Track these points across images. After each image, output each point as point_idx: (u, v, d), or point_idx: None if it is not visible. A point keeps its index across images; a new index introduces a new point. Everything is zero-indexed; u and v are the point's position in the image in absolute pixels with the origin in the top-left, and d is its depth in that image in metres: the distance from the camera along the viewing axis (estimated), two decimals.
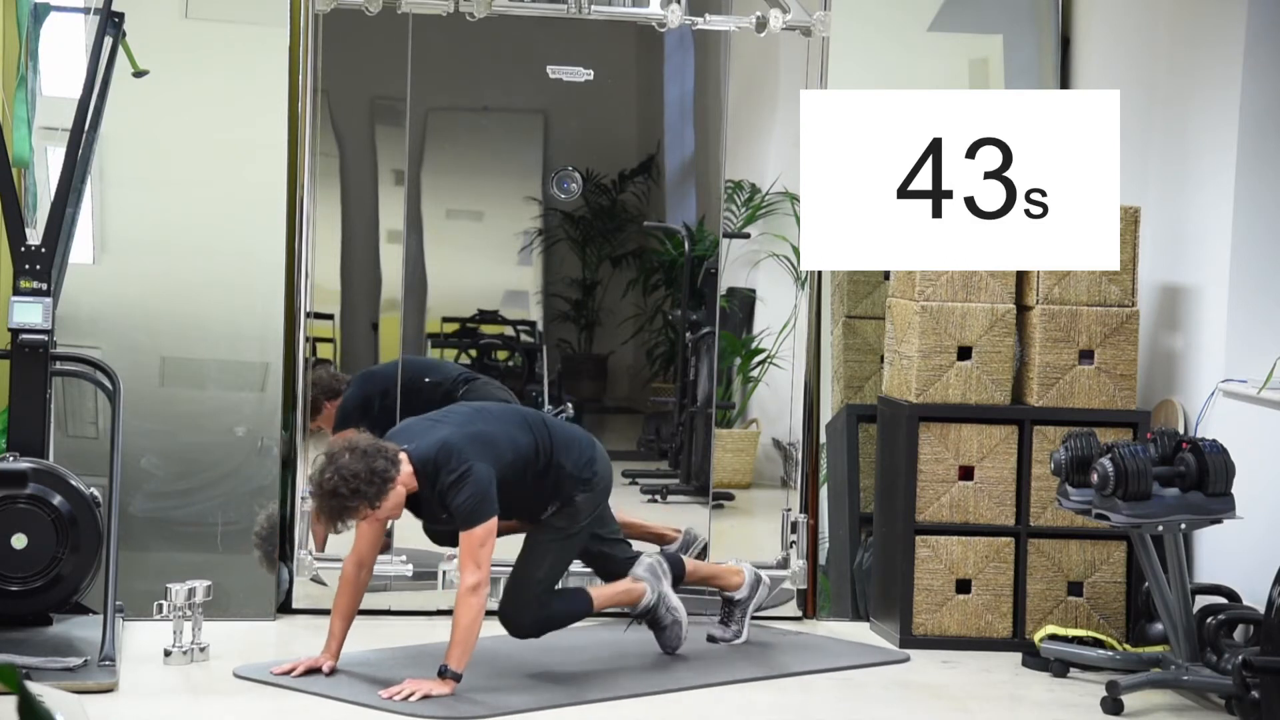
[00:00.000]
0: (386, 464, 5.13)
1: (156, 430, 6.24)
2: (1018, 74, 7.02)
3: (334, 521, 5.19)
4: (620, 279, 6.69)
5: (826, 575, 6.64)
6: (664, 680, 5.56)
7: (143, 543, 6.15)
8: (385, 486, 5.12)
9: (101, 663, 5.21)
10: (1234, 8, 6.03)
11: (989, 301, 6.22)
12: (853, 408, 6.70)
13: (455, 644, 5.20)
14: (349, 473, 5.08)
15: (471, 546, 5.18)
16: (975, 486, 6.18)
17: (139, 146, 6.33)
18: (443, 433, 5.29)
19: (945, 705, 5.44)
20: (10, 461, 5.52)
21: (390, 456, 5.16)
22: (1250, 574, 5.70)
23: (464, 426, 5.34)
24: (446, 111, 6.59)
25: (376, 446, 5.16)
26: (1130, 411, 6.20)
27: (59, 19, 6.23)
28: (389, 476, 5.13)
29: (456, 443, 5.24)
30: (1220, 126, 6.09)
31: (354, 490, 5.08)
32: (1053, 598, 6.18)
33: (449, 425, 5.34)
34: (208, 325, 6.33)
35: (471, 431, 5.31)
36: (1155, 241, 6.43)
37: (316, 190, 6.31)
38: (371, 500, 5.11)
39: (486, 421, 5.41)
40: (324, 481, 5.10)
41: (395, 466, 5.16)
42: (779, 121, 6.63)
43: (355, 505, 5.11)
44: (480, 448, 5.26)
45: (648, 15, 6.44)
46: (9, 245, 5.69)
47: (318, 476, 5.13)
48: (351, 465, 5.09)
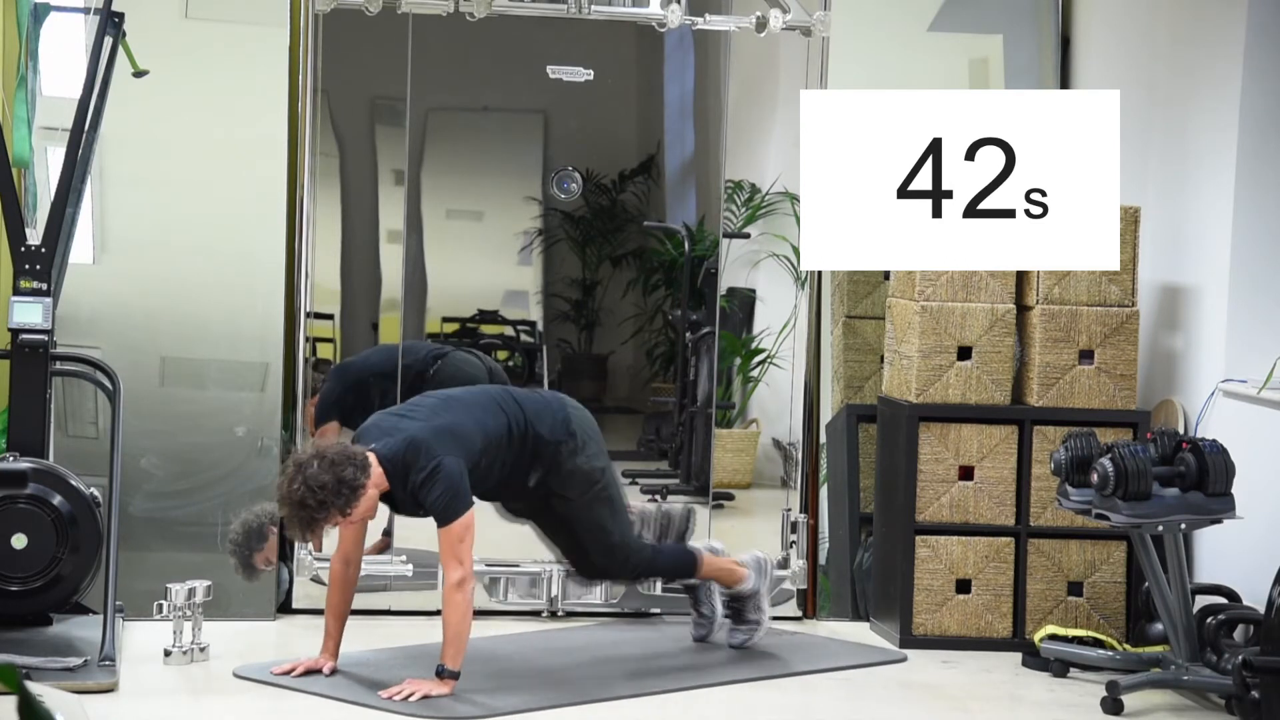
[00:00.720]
0: (355, 471, 5.07)
1: (156, 430, 6.24)
2: (1018, 74, 7.02)
3: (305, 531, 5.13)
4: (620, 279, 6.69)
5: (826, 575, 6.64)
6: (664, 680, 5.55)
7: (143, 543, 6.15)
8: (355, 494, 5.07)
9: (101, 663, 5.21)
10: (1234, 8, 6.03)
11: (989, 301, 6.22)
12: (853, 408, 6.70)
13: (448, 643, 5.20)
14: (316, 484, 5.02)
15: (451, 542, 5.17)
16: (975, 486, 6.18)
17: (139, 146, 6.33)
18: (410, 429, 5.25)
19: (945, 705, 5.44)
20: (10, 461, 5.52)
21: (359, 463, 5.10)
22: (1250, 574, 5.70)
23: (431, 420, 5.29)
24: (446, 111, 6.59)
25: (345, 454, 5.10)
26: (1130, 411, 6.20)
27: (59, 19, 6.22)
28: (358, 484, 5.08)
29: (424, 438, 5.21)
30: (1220, 126, 6.09)
31: (321, 501, 5.03)
32: (1053, 598, 6.18)
33: (416, 420, 5.30)
34: (208, 325, 6.33)
35: (438, 425, 5.27)
36: (1155, 241, 6.43)
37: (316, 190, 6.31)
38: (342, 509, 5.07)
39: (454, 411, 5.36)
40: (292, 492, 5.04)
41: (364, 472, 5.11)
42: (779, 121, 6.63)
43: (324, 515, 5.06)
44: (449, 441, 5.23)
45: (648, 15, 6.44)
46: (9, 245, 5.69)
47: (285, 486, 5.07)
48: (319, 476, 5.03)
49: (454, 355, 6.41)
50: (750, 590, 5.94)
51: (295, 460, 5.13)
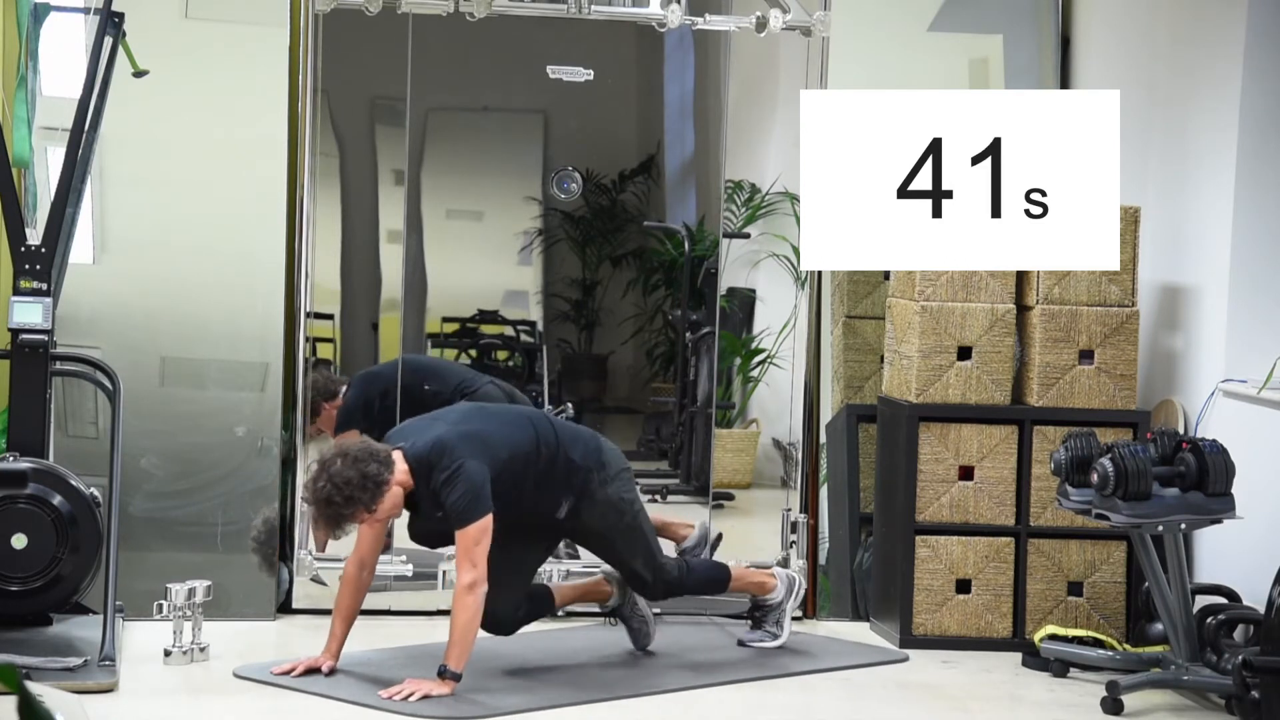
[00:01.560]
0: (379, 467, 5.12)
1: (156, 430, 6.24)
2: (1018, 74, 7.02)
3: (332, 528, 5.21)
4: (620, 279, 6.69)
5: (826, 575, 6.64)
6: (664, 680, 5.56)
7: (143, 543, 6.15)
8: (380, 490, 5.12)
9: (101, 663, 5.21)
10: (1234, 8, 6.03)
11: (989, 301, 6.22)
12: (853, 408, 6.70)
13: (454, 644, 5.20)
14: (341, 480, 5.08)
15: (466, 545, 5.18)
16: (975, 486, 6.18)
17: (139, 146, 6.33)
18: (438, 430, 5.29)
19: (945, 705, 5.44)
20: (10, 461, 5.52)
21: (383, 459, 5.15)
22: (1250, 574, 5.70)
23: (459, 425, 5.34)
24: (446, 111, 6.59)
25: (369, 450, 5.16)
26: (1130, 411, 6.20)
27: (59, 19, 6.22)
28: (382, 480, 5.12)
29: (450, 440, 5.24)
30: (1220, 126, 6.09)
31: (348, 498, 5.08)
32: (1053, 598, 6.18)
33: (445, 423, 5.35)
34: (208, 325, 6.33)
35: (466, 430, 5.31)
36: (1155, 241, 6.43)
37: (316, 190, 6.31)
38: (367, 504, 5.12)
39: (484, 420, 5.42)
40: (318, 490, 5.10)
41: (388, 468, 5.15)
42: (779, 121, 6.63)
43: (351, 512, 5.11)
44: (474, 445, 5.26)
45: (648, 15, 6.44)
46: (9, 245, 5.69)
47: (311, 485, 5.14)
48: (344, 472, 5.09)
49: (484, 390, 6.33)
50: (776, 602, 5.99)
51: (319, 459, 5.19)
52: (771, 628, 5.98)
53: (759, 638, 5.97)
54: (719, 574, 5.88)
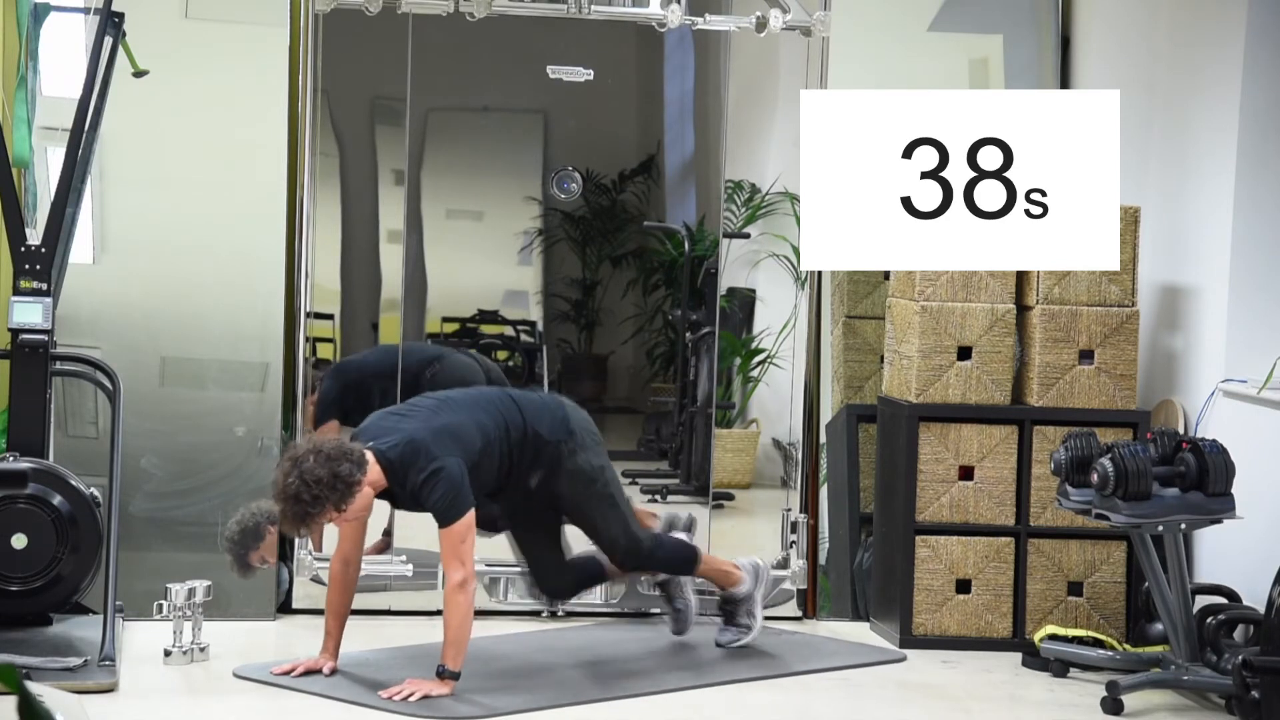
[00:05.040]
0: (351, 467, 5.06)
1: (156, 430, 6.24)
2: (1018, 74, 7.02)
3: (298, 525, 5.11)
4: (620, 279, 6.69)
5: (826, 575, 6.64)
6: (664, 680, 5.55)
7: (143, 543, 6.15)
8: (350, 490, 5.05)
9: (101, 663, 5.21)
10: (1234, 8, 6.03)
11: (989, 301, 6.22)
12: (853, 408, 6.70)
13: (449, 643, 5.20)
14: (312, 478, 5.01)
15: (453, 543, 5.17)
16: (975, 486, 6.18)
17: (139, 146, 6.33)
18: (409, 428, 5.25)
19: (945, 705, 5.44)
20: (10, 461, 5.52)
21: (356, 459, 5.09)
22: (1250, 574, 5.70)
23: (430, 420, 5.29)
24: (446, 111, 6.59)
25: (342, 450, 5.09)
26: (1130, 411, 6.20)
27: (59, 19, 6.23)
28: (354, 480, 5.06)
29: (424, 439, 5.21)
30: (1220, 126, 6.09)
31: (315, 496, 5.01)
32: (1053, 598, 6.18)
33: (415, 420, 5.30)
34: (208, 325, 6.33)
35: (437, 425, 5.28)
36: (1155, 241, 6.43)
37: (316, 190, 6.32)
38: (336, 504, 5.05)
39: (453, 411, 5.37)
40: (287, 486, 5.02)
41: (360, 469, 5.09)
42: (779, 121, 6.63)
43: (318, 511, 5.04)
44: (449, 441, 5.24)
45: (648, 15, 6.44)
46: (9, 245, 5.69)
47: (281, 480, 5.05)
48: (315, 470, 5.01)
49: (451, 358, 6.41)
50: (744, 594, 5.96)
51: (291, 454, 5.11)
52: (744, 619, 5.96)
53: (733, 636, 5.94)
54: (688, 553, 5.86)
